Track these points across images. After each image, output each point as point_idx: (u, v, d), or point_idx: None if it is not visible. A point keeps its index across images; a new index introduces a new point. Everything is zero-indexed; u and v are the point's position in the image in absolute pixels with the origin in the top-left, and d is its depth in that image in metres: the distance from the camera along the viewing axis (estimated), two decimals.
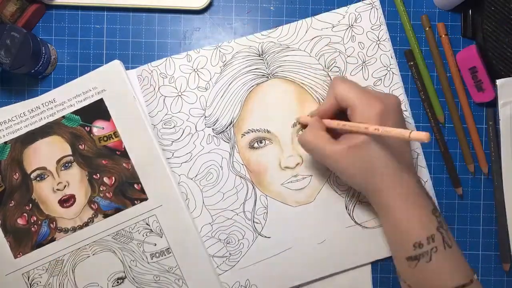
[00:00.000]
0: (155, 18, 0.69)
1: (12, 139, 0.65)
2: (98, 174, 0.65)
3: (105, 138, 0.65)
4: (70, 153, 0.65)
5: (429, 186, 0.67)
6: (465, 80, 0.67)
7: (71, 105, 0.66)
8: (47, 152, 0.65)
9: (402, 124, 0.58)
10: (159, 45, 0.68)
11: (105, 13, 0.68)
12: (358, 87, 0.58)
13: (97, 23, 0.68)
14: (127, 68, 0.67)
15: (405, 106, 0.67)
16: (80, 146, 0.65)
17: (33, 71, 0.64)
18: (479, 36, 0.67)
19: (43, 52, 0.64)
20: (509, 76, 0.65)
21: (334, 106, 0.60)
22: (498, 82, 0.65)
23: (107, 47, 0.68)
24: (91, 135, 0.65)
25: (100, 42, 0.68)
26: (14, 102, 0.67)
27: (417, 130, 0.67)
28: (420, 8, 0.68)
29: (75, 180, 0.65)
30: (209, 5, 0.68)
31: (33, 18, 0.67)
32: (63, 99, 0.66)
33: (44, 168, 0.65)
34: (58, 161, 0.65)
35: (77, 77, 0.67)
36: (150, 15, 0.68)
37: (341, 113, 0.60)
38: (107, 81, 0.66)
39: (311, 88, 0.67)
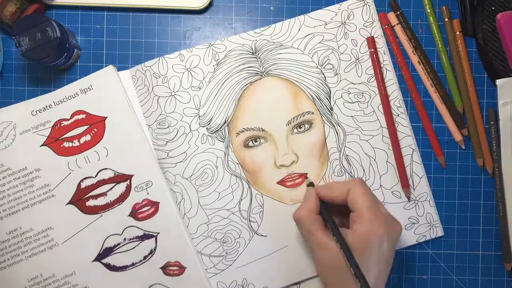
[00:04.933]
0: (155, 18, 0.69)
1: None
2: None
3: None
4: None
5: (424, 180, 0.67)
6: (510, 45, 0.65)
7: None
8: None
9: (391, 253, 0.57)
10: (159, 45, 0.68)
11: (105, 13, 0.69)
12: (374, 198, 0.58)
13: (97, 23, 0.69)
14: (126, 68, 0.68)
15: (399, 102, 0.67)
16: None
17: (40, 61, 0.65)
18: (479, 36, 0.66)
19: (61, 59, 0.65)
20: (509, 76, 0.65)
21: (341, 200, 0.59)
22: (498, 82, 0.65)
23: (107, 47, 0.68)
24: None
25: (100, 42, 0.69)
26: (14, 102, 0.67)
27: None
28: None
29: None
30: (209, 5, 0.68)
31: None
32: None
33: None
34: None
35: (77, 77, 0.68)
36: (150, 15, 0.69)
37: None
38: (99, 87, 0.67)
39: (305, 85, 0.66)
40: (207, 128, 0.66)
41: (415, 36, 0.67)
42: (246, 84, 0.66)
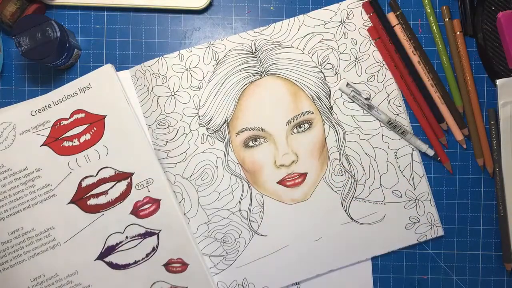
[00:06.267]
0: (155, 18, 0.69)
1: None
2: None
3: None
4: None
5: (425, 179, 0.67)
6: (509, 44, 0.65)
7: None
8: None
9: None
10: (159, 45, 0.68)
11: (105, 13, 0.69)
12: None
13: (97, 23, 0.69)
14: (126, 68, 0.68)
15: (399, 101, 0.67)
16: None
17: (40, 61, 0.65)
18: (479, 36, 0.66)
19: (61, 59, 0.65)
20: (509, 76, 0.65)
21: None
22: (498, 82, 0.65)
23: (107, 47, 0.68)
24: None
25: (100, 42, 0.69)
26: (14, 102, 0.67)
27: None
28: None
29: None
30: (209, 5, 0.68)
31: None
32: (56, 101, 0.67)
33: None
34: None
35: (77, 77, 0.67)
36: (150, 15, 0.69)
37: None
38: (98, 85, 0.66)
39: (305, 85, 0.66)
40: (207, 128, 0.66)
41: (415, 36, 0.66)
42: (246, 84, 0.66)
